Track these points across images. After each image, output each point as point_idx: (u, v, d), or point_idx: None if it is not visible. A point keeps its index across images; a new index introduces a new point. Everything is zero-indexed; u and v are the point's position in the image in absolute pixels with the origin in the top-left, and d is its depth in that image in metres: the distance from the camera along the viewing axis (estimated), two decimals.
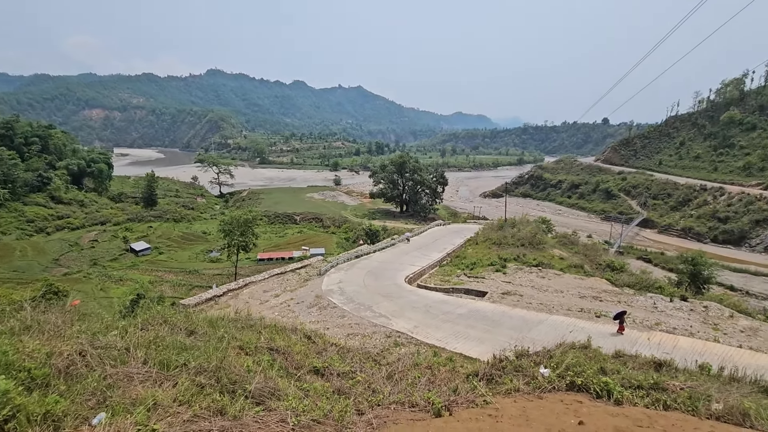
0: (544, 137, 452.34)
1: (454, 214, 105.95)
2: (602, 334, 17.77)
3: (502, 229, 49.46)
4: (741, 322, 22.09)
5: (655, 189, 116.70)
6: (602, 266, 40.42)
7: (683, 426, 5.38)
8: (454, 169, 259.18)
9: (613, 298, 26.61)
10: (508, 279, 31.10)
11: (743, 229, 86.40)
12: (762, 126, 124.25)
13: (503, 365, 9.86)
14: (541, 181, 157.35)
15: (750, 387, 9.27)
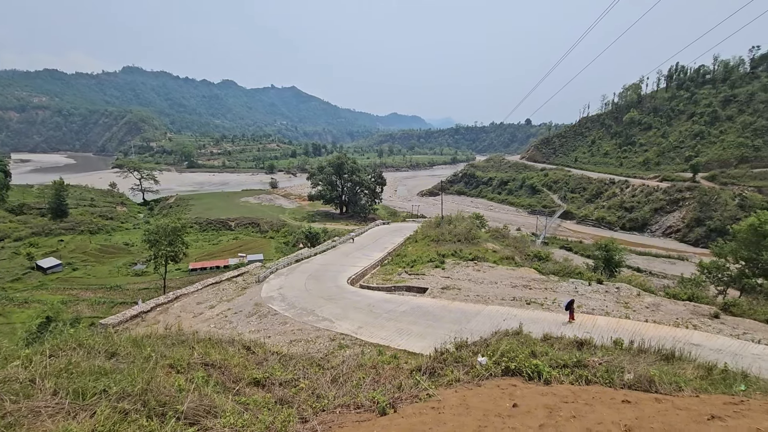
0: (474, 137, 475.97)
1: (394, 214, 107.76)
2: (532, 320, 19.10)
3: (440, 226, 51.25)
4: (646, 300, 24.95)
5: (573, 183, 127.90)
6: (530, 257, 43.45)
7: (602, 397, 5.97)
8: (392, 169, 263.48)
9: (540, 285, 28.68)
10: (447, 274, 32.28)
11: (645, 217, 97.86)
12: (656, 126, 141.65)
13: (444, 358, 10.23)
14: (473, 179, 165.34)
15: (654, 356, 10.55)
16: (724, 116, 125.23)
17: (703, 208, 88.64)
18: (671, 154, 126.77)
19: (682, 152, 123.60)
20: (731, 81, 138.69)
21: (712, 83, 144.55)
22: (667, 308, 23.25)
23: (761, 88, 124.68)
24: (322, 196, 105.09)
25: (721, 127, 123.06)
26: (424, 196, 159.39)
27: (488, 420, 4.68)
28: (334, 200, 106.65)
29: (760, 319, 21.37)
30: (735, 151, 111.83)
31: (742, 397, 6.74)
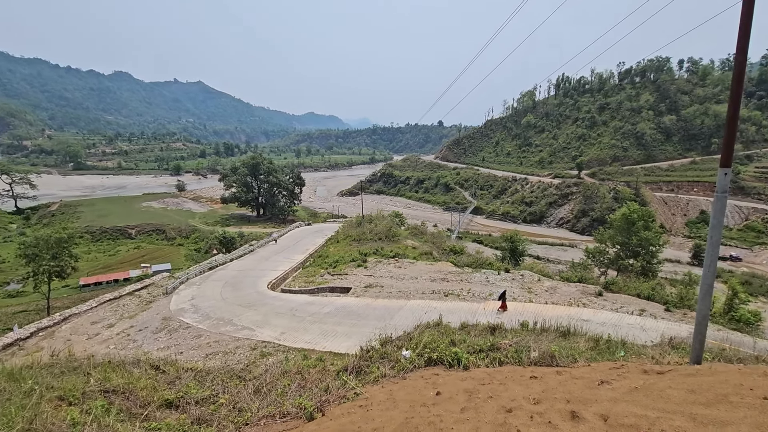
0: (391, 137, 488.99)
1: (314, 215, 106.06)
2: (451, 311, 20.24)
3: (361, 225, 51.71)
4: (545, 284, 27.91)
5: (481, 181, 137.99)
6: (447, 251, 45.89)
7: (513, 376, 6.55)
8: (311, 170, 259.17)
9: (456, 277, 30.45)
10: (370, 272, 32.70)
11: (542, 210, 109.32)
12: (548, 129, 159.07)
13: (370, 355, 10.38)
14: (391, 178, 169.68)
15: (554, 334, 11.88)
16: (600, 121, 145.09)
17: (587, 201, 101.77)
18: (561, 154, 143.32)
19: (569, 152, 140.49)
20: (605, 91, 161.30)
21: (591, 92, 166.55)
22: (562, 290, 26.27)
23: (626, 98, 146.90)
24: (236, 199, 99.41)
25: (598, 130, 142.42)
26: (344, 196, 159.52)
27: (414, 411, 4.87)
28: (250, 202, 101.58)
29: (632, 294, 25.21)
30: (609, 151, 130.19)
31: (622, 361, 7.90)
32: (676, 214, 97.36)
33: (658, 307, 22.51)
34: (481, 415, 4.05)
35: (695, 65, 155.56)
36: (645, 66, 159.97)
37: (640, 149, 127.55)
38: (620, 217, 42.33)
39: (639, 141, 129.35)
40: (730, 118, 6.56)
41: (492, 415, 3.98)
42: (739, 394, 3.19)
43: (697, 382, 3.75)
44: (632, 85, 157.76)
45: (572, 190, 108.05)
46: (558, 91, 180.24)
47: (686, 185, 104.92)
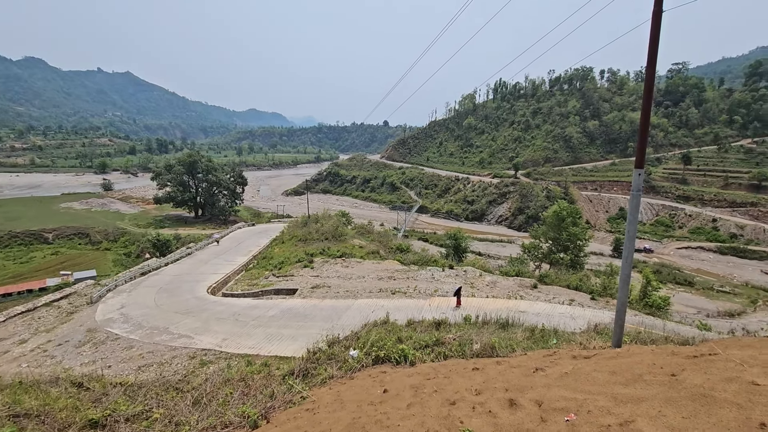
0: (337, 136, 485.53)
1: (258, 215, 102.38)
2: (398, 308, 20.52)
3: (307, 225, 50.82)
4: (486, 279, 29.28)
5: (426, 181, 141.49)
6: (393, 250, 46.48)
7: (457, 368, 6.80)
8: (253, 168, 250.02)
9: (403, 275, 30.96)
10: (316, 273, 32.24)
11: (483, 209, 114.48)
12: (488, 131, 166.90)
13: (318, 357, 10.24)
14: (338, 178, 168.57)
15: (494, 326, 12.51)
16: (533, 125, 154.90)
17: (523, 199, 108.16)
18: (499, 155, 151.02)
19: (507, 153, 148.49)
20: (537, 96, 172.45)
21: (525, 98, 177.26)
22: (501, 284, 27.71)
23: (556, 104, 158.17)
24: (172, 199, 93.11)
25: (532, 133, 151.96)
26: (290, 196, 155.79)
27: (362, 410, 4.87)
28: (187, 203, 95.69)
29: (563, 285, 27.24)
30: (542, 153, 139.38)
31: (555, 349, 8.50)
32: (599, 210, 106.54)
33: (585, 297, 24.53)
34: (427, 409, 4.15)
35: (614, 75, 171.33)
36: (572, 74, 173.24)
37: (569, 151, 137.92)
38: (552, 214, 45.48)
39: (567, 144, 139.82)
40: (642, 124, 7.31)
41: (437, 408, 4.10)
42: (651, 373, 3.55)
43: (617, 364, 4.13)
44: (561, 91, 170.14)
45: (510, 190, 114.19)
46: (496, 95, 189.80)
47: (607, 184, 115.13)
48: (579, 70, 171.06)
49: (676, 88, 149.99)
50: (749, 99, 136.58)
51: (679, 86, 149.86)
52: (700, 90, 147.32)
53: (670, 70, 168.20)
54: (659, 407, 2.80)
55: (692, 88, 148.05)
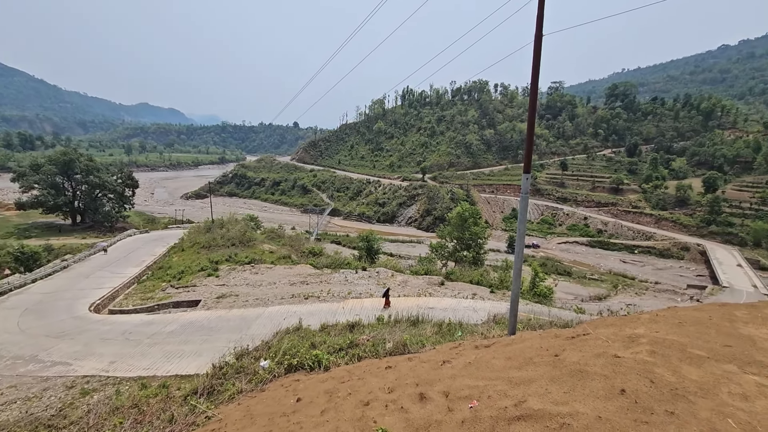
0: (243, 136, 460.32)
1: (152, 221, 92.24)
2: (311, 313, 20.16)
3: (210, 231, 47.27)
4: (398, 278, 30.27)
5: (338, 183, 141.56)
6: (306, 253, 45.54)
7: (371, 369, 6.90)
8: (146, 169, 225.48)
9: (316, 279, 30.53)
10: (222, 281, 30.16)
11: (394, 210, 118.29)
12: (397, 135, 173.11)
13: (224, 372, 9.57)
14: (245, 180, 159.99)
15: (406, 324, 12.98)
16: (438, 131, 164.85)
17: (431, 201, 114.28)
18: (408, 159, 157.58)
19: (415, 157, 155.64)
20: (441, 105, 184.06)
21: (430, 105, 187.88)
22: (412, 283, 28.89)
23: (458, 113, 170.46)
24: (41, 204, 78.86)
25: (437, 139, 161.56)
26: (190, 199, 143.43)
27: (273, 423, 4.68)
28: (61, 208, 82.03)
29: (466, 281, 29.38)
30: (446, 158, 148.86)
31: (460, 341, 9.12)
32: (495, 211, 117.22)
33: (486, 290, 26.76)
34: (341, 413, 4.15)
35: (506, 89, 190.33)
36: (471, 86, 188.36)
37: (469, 157, 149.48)
38: (456, 215, 48.78)
39: (468, 150, 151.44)
40: (528, 134, 8.25)
41: (351, 411, 4.12)
42: (539, 356, 4.01)
43: (512, 351, 4.57)
44: (462, 101, 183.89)
45: (418, 192, 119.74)
46: (404, 102, 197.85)
47: (502, 187, 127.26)
48: (476, 83, 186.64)
49: (554, 104, 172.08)
50: (609, 116, 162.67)
51: (557, 102, 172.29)
52: (573, 106, 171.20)
53: (550, 88, 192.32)
54: (546, 385, 3.16)
55: (567, 104, 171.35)
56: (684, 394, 2.80)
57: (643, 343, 3.60)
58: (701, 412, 2.60)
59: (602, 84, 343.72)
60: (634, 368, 3.16)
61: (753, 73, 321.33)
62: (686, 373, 3.07)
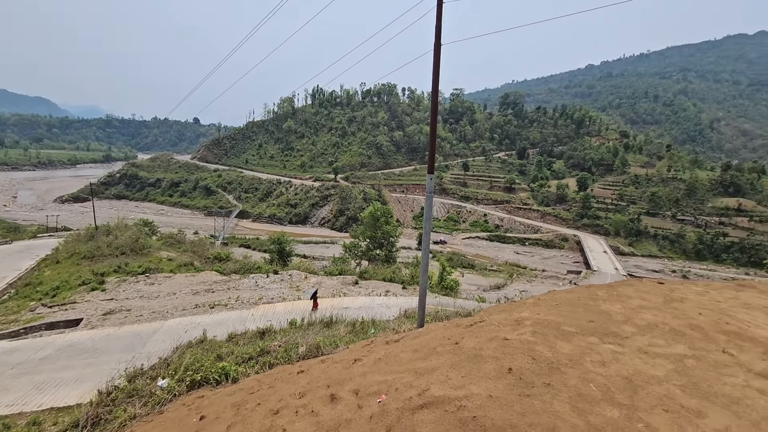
0: (134, 132, 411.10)
1: (15, 229, 77.32)
2: (218, 323, 18.86)
3: (94, 239, 41.37)
4: (312, 280, 29.81)
5: (246, 184, 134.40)
6: (210, 259, 42.38)
7: (282, 375, 6.71)
8: (6, 168, 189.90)
9: (223, 286, 28.64)
10: (111, 295, 26.63)
11: (306, 211, 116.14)
12: (308, 135, 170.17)
13: (114, 397, 8.51)
14: (137, 180, 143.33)
15: (319, 326, 12.87)
16: (349, 132, 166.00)
17: (343, 201, 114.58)
18: (320, 159, 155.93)
19: (327, 158, 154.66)
20: (352, 106, 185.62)
21: (341, 106, 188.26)
22: (327, 284, 28.68)
23: (368, 114, 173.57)
24: None
25: (349, 139, 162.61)
26: (67, 203, 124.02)
27: None
28: None
29: (380, 279, 30.11)
30: (358, 158, 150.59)
31: (373, 338, 9.33)
32: (406, 210, 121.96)
33: (398, 287, 27.72)
34: (248, 426, 3.98)
35: (413, 93, 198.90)
36: (380, 89, 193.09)
37: (380, 158, 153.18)
38: (368, 214, 49.65)
39: (379, 151, 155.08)
40: (431, 137, 8.76)
41: (259, 422, 3.97)
42: (442, 345, 4.30)
43: (419, 343, 4.83)
44: (372, 103, 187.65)
45: (330, 192, 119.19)
46: (314, 101, 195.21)
47: (412, 187, 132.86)
48: (385, 86, 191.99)
49: (456, 109, 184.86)
50: (502, 122, 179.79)
51: (459, 107, 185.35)
52: (472, 112, 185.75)
53: (452, 94, 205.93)
54: (447, 372, 3.41)
55: (467, 110, 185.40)
56: (558, 366, 3.25)
57: (527, 325, 4.09)
58: (570, 381, 3.04)
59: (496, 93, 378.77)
60: (519, 348, 3.57)
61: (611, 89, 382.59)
62: (560, 348, 3.57)
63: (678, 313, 4.72)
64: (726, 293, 5.98)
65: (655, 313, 4.64)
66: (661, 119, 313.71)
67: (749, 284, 6.73)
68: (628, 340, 3.88)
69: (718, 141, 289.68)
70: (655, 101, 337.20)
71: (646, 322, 4.34)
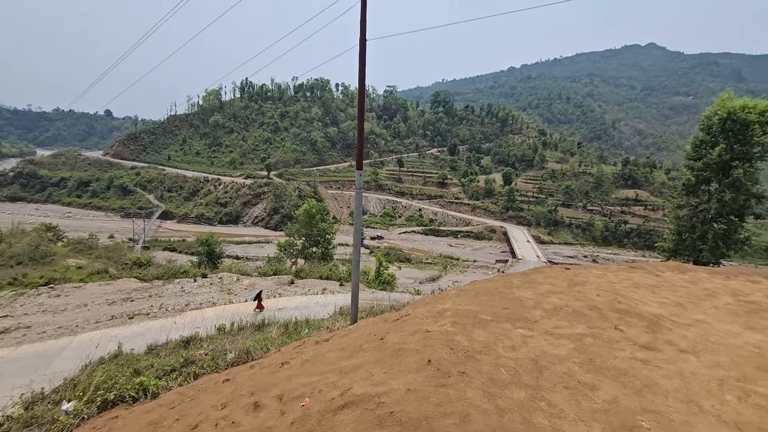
0: (31, 125, 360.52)
1: None
2: (137, 334, 17.32)
3: None
4: (245, 282, 28.56)
5: (169, 182, 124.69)
6: (129, 265, 38.80)
7: (207, 386, 6.34)
8: None
9: (144, 294, 26.39)
10: (4, 312, 23.27)
11: (238, 210, 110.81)
12: (237, 130, 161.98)
13: (5, 429, 7.47)
14: (36, 180, 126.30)
15: (251, 329, 12.37)
16: (282, 127, 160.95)
17: (277, 199, 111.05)
18: (251, 155, 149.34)
19: (258, 154, 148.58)
20: (284, 100, 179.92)
21: (272, 100, 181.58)
22: (261, 285, 27.61)
23: (301, 109, 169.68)
24: None
25: (282, 135, 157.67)
26: None
27: None
28: None
29: (316, 277, 29.70)
30: (292, 154, 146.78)
31: (306, 338, 9.17)
32: (342, 207, 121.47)
33: (335, 284, 27.55)
34: None
35: (346, 89, 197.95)
36: (313, 83, 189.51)
37: (315, 154, 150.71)
38: (303, 212, 48.67)
39: (313, 147, 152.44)
40: (359, 132, 8.78)
41: None
42: (368, 342, 4.34)
43: (346, 341, 4.83)
44: (305, 98, 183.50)
45: (264, 190, 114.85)
46: (243, 95, 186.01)
47: (348, 184, 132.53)
48: (318, 81, 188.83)
49: (390, 106, 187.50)
50: (434, 119, 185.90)
51: (392, 104, 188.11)
52: (405, 109, 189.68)
53: (386, 91, 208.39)
54: (370, 369, 3.45)
55: (400, 107, 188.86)
56: (473, 354, 3.44)
57: (448, 316, 4.27)
58: (484, 367, 3.23)
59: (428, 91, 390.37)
60: (439, 339, 3.71)
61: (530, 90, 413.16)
62: (476, 336, 3.78)
63: (580, 295, 5.23)
64: (620, 275, 6.77)
65: (561, 296, 5.10)
66: (572, 119, 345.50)
67: (639, 266, 7.67)
68: (536, 324, 4.22)
69: (619, 139, 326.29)
70: (568, 102, 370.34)
71: (553, 305, 4.76)
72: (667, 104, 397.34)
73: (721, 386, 3.32)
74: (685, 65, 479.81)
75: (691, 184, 20.88)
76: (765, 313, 5.62)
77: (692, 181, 20.76)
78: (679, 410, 2.90)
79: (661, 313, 5.00)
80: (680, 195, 22.08)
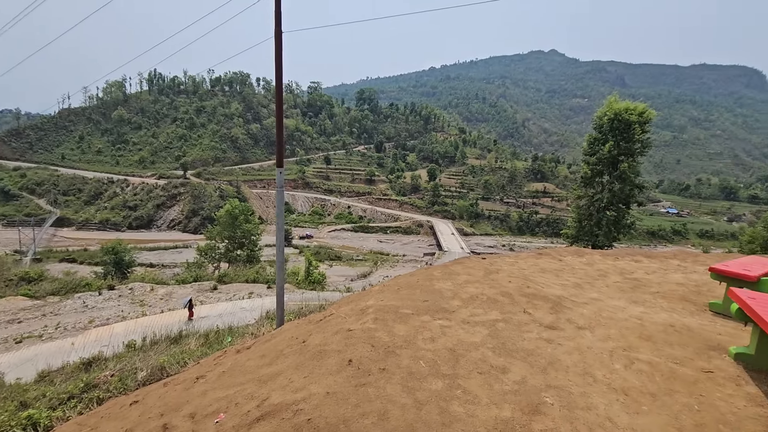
0: None
1: None
2: (26, 360, 15.04)
3: None
4: (160, 292, 26.23)
5: (64, 185, 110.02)
6: (15, 281, 33.61)
7: (111, 411, 5.68)
8: None
9: (35, 313, 23.08)
10: None
11: (150, 214, 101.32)
12: (146, 126, 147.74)
13: None
14: None
15: (165, 343, 11.37)
16: (199, 123, 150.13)
17: (196, 200, 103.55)
18: (163, 153, 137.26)
19: (173, 152, 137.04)
20: (199, 95, 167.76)
21: (186, 94, 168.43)
22: (179, 293, 25.58)
23: (220, 104, 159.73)
24: None
25: (198, 132, 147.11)
26: None
27: None
28: None
29: (242, 281, 28.27)
30: (211, 152, 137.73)
31: (228, 347, 8.65)
32: (269, 206, 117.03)
33: (263, 287, 26.45)
34: None
35: (268, 84, 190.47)
36: (232, 77, 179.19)
37: (237, 152, 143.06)
38: (225, 213, 45.99)
39: (235, 144, 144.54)
40: (278, 128, 8.45)
41: None
42: (290, 346, 4.19)
43: (267, 347, 4.62)
44: (223, 92, 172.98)
45: (180, 191, 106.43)
46: (152, 87, 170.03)
47: (273, 182, 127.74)
48: (238, 74, 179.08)
49: (315, 102, 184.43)
50: (360, 117, 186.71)
51: (317, 101, 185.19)
52: (331, 106, 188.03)
53: (310, 87, 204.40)
54: (290, 375, 3.32)
55: (326, 104, 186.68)
56: (394, 349, 3.48)
57: (370, 313, 4.28)
58: (404, 361, 3.28)
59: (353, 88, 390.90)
60: (361, 337, 3.70)
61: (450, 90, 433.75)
62: (397, 331, 3.83)
63: (494, 283, 5.58)
64: (529, 261, 7.37)
65: (477, 285, 5.40)
66: (488, 118, 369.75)
67: (545, 252, 8.43)
68: (454, 314, 4.41)
69: (529, 137, 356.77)
70: (484, 102, 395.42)
71: (470, 294, 5.02)
72: (567, 105, 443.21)
73: (611, 356, 3.74)
74: (580, 71, 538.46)
75: (588, 177, 23.52)
76: (645, 288, 6.49)
77: (588, 174, 23.40)
78: (577, 383, 3.21)
79: (562, 294, 5.52)
80: (579, 187, 24.72)
